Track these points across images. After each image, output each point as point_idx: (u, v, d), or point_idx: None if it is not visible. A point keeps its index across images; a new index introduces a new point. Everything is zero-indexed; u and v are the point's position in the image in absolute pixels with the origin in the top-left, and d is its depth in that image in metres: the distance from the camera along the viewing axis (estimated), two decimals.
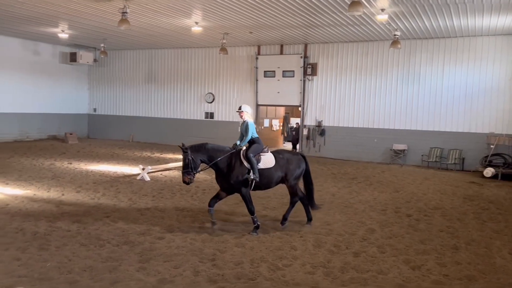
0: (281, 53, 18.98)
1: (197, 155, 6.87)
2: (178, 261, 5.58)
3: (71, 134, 20.94)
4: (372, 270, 5.54)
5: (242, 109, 7.38)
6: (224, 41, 17.02)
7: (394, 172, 14.63)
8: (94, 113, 23.99)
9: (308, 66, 18.32)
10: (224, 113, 20.74)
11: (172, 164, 13.63)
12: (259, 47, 19.38)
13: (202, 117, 21.29)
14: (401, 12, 12.51)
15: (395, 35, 14.22)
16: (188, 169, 6.78)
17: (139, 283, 4.85)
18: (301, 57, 18.36)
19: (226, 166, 6.97)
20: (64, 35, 17.47)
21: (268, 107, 20.78)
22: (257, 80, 19.37)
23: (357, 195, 10.49)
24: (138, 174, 11.91)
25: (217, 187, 7.51)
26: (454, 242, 6.83)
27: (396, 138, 17.07)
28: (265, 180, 7.12)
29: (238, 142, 7.24)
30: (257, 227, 7.00)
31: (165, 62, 21.97)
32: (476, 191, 11.62)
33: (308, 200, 7.62)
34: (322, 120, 18.39)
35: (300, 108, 19.15)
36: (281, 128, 22.79)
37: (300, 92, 18.57)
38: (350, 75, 17.85)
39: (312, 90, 18.52)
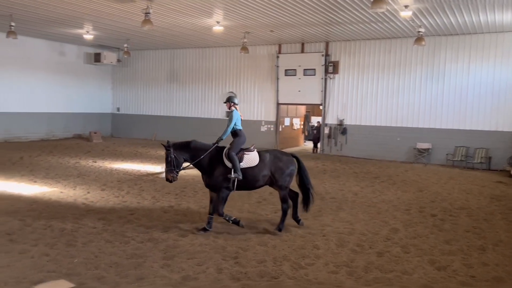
0: (302, 51, 18.90)
1: (180, 153, 6.79)
2: (202, 258, 5.63)
3: (95, 133, 21.37)
4: (396, 270, 5.47)
5: (230, 101, 7.22)
6: (245, 40, 17.06)
7: (418, 171, 14.38)
8: (117, 112, 24.42)
9: (330, 64, 18.18)
10: (245, 112, 20.74)
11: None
12: (280, 45, 19.34)
13: (223, 116, 21.38)
14: (426, 8, 12.29)
15: (419, 31, 13.98)
16: (171, 167, 6.74)
17: (163, 279, 4.92)
18: (323, 55, 18.24)
19: (208, 164, 6.81)
20: (88, 36, 17.84)
21: (289, 106, 20.73)
22: (277, 78, 19.34)
23: (380, 195, 10.36)
24: (161, 173, 12.05)
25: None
26: (481, 243, 6.68)
27: (420, 136, 16.78)
28: (249, 180, 6.83)
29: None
30: (206, 229, 6.71)
31: (187, 61, 22.16)
32: (503, 191, 11.32)
33: (304, 203, 7.25)
34: (343, 119, 18.23)
35: (321, 107, 19.03)
36: (302, 127, 22.70)
37: (322, 91, 18.45)
38: (372, 73, 17.64)
39: (333, 88, 18.38)
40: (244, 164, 6.79)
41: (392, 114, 17.36)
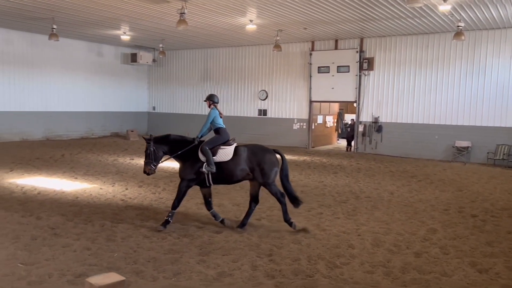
0: (336, 48, 18.68)
1: (159, 146, 6.82)
2: (236, 255, 5.68)
3: (132, 131, 21.96)
4: (435, 272, 5.33)
5: (210, 99, 7.19)
6: (278, 38, 17.04)
7: (457, 170, 13.94)
8: (153, 111, 24.98)
9: (364, 60, 17.88)
10: (277, 110, 20.77)
11: None
12: (313, 42, 19.19)
13: (255, 114, 21.47)
14: (465, 2, 11.87)
15: (458, 26, 13.52)
16: (149, 159, 6.75)
17: (199, 275, 5.00)
18: (357, 51, 17.96)
19: (185, 158, 6.81)
20: (125, 37, 18.34)
21: (322, 104, 20.55)
22: (310, 76, 19.21)
23: (417, 194, 10.12)
24: None
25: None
26: None
27: (459, 134, 16.25)
28: (224, 174, 6.73)
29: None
30: (167, 222, 6.70)
31: (220, 60, 22.37)
32: None
33: (290, 199, 6.98)
34: (379, 116, 17.90)
35: (355, 104, 18.77)
36: (335, 124, 22.45)
37: (356, 88, 18.18)
38: (409, 69, 17.21)
39: (368, 85, 18.07)
40: (218, 158, 6.71)
41: (429, 111, 16.89)
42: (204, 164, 6.64)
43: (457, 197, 9.87)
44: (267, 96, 20.97)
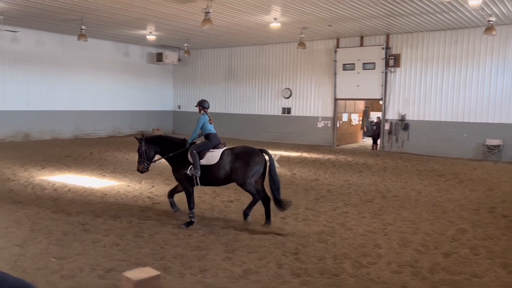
0: (361, 45, 18.44)
1: (151, 146, 7.05)
2: (262, 253, 5.70)
3: (158, 129, 22.30)
4: (465, 273, 5.21)
5: (200, 104, 7.35)
6: (302, 35, 16.95)
7: (487, 169, 13.55)
8: (178, 109, 25.29)
9: (391, 57, 17.60)
10: (301, 108, 20.68)
11: None
12: (338, 39, 19.01)
13: (279, 112, 21.44)
14: None
15: (489, 21, 13.12)
16: (141, 158, 7.06)
17: (226, 272, 5.05)
18: (383, 48, 17.68)
19: (175, 159, 6.99)
20: (151, 37, 18.62)
21: (347, 101, 20.34)
22: (335, 73, 19.03)
23: (446, 193, 9.90)
24: None
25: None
26: None
27: (490, 132, 15.78)
28: (210, 177, 6.85)
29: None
30: (190, 223, 6.78)
31: (244, 59, 22.43)
32: None
33: (275, 202, 6.89)
34: (405, 114, 17.58)
35: (381, 102, 18.50)
36: (360, 122, 22.18)
37: (382, 85, 17.91)
38: (437, 66, 16.83)
39: (394, 82, 17.77)
40: (204, 161, 6.83)
41: (458, 109, 16.48)
42: (190, 167, 6.79)
43: (488, 196, 9.61)
44: (291, 94, 20.90)
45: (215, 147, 7.02)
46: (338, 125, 19.81)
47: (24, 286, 2.19)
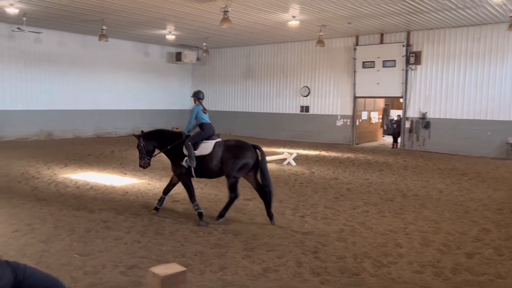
0: (381, 42, 18.22)
1: (149, 141, 7.13)
2: (281, 251, 5.70)
3: (177, 128, 22.48)
4: (489, 273, 5.10)
5: (195, 95, 7.40)
6: (321, 33, 16.85)
7: (511, 168, 13.22)
8: None
9: (411, 54, 17.33)
10: (320, 106, 20.57)
11: (270, 157, 13.89)
12: (357, 37, 18.82)
13: (297, 110, 21.37)
14: None
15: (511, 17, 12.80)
16: (142, 154, 7.16)
17: (245, 270, 5.07)
18: (403, 45, 17.43)
19: (172, 152, 7.07)
20: (170, 36, 18.80)
21: (367, 99, 20.13)
22: (355, 71, 18.85)
23: (468, 193, 9.71)
24: None
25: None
26: None
27: None
28: (203, 168, 6.91)
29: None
30: (200, 215, 6.86)
31: (262, 57, 22.43)
32: None
33: (264, 204, 6.90)
34: (426, 112, 17.30)
35: (401, 100, 18.24)
36: (380, 120, 21.93)
37: (402, 83, 17.66)
38: (459, 63, 16.50)
39: (415, 80, 17.49)
40: (198, 152, 6.91)
41: (481, 106, 16.12)
42: (186, 159, 6.89)
43: None
44: (309, 93, 20.81)
45: (209, 138, 7.07)
46: (357, 123, 19.63)
47: (50, 280, 2.24)
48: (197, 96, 7.40)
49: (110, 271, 4.96)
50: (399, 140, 18.46)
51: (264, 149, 18.23)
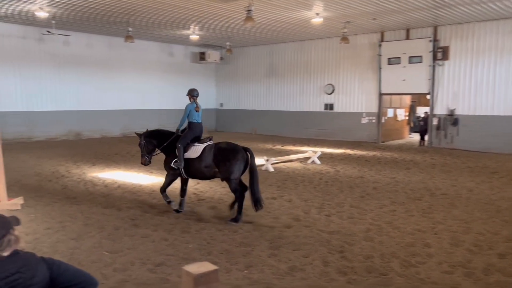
0: (407, 38, 17.87)
1: (149, 140, 7.49)
2: (307, 250, 5.67)
3: None
4: None
5: (189, 93, 7.69)
6: (345, 30, 16.66)
7: None
8: (220, 108, 25.61)
9: (439, 50, 16.93)
10: (344, 104, 20.35)
11: (294, 156, 13.87)
12: (382, 33, 18.52)
13: (321, 108, 21.21)
14: None
15: None
16: (143, 152, 7.58)
17: (271, 268, 5.07)
18: (430, 40, 17.04)
19: (168, 151, 7.39)
20: (194, 36, 18.97)
21: (392, 96, 19.79)
22: (380, 68, 18.56)
23: (500, 191, 9.42)
24: (263, 165, 12.38)
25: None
26: None
27: None
28: (193, 170, 7.12)
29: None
30: (168, 202, 7.41)
31: (285, 56, 22.36)
32: None
33: (253, 201, 6.80)
34: (455, 109, 16.88)
35: (428, 96, 17.85)
36: (407, 118, 21.53)
37: (429, 79, 17.27)
38: (489, 58, 16.01)
39: (443, 76, 17.09)
40: (187, 154, 7.12)
41: None
42: (175, 160, 7.16)
43: None
44: (333, 90, 20.62)
45: (200, 141, 7.32)
46: (383, 121, 19.33)
47: (83, 276, 2.30)
48: (192, 94, 7.68)
49: (139, 268, 5.05)
50: (426, 137, 18.08)
51: (288, 147, 18.32)
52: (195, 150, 7.14)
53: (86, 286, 2.27)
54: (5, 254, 2.08)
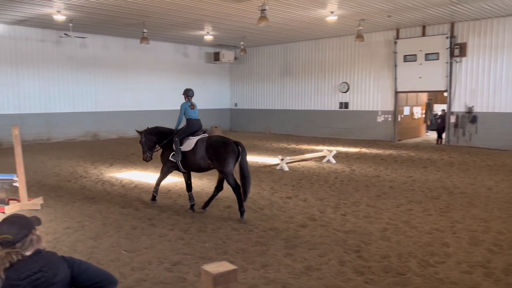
0: (423, 34, 17.63)
1: (149, 137, 7.86)
2: (323, 250, 5.66)
3: (216, 127, 22.79)
4: None
5: (184, 93, 8.01)
6: (360, 28, 16.52)
7: None
8: (235, 107, 25.67)
9: (456, 46, 16.65)
10: (359, 102, 20.19)
11: (309, 155, 13.82)
12: (397, 30, 18.31)
13: (336, 107, 21.08)
14: None
15: None
16: (144, 149, 7.92)
17: (287, 268, 5.07)
18: (447, 37, 16.77)
19: (166, 147, 7.70)
20: (209, 37, 19.05)
21: (409, 94, 19.55)
22: (396, 65, 18.35)
23: None
24: (278, 164, 12.38)
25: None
26: None
27: None
28: (188, 162, 7.42)
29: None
30: (153, 198, 7.95)
31: (299, 54, 22.28)
32: None
33: (237, 199, 7.00)
34: (473, 106, 16.59)
35: (445, 94, 17.58)
36: (423, 115, 21.25)
37: (446, 76, 17.01)
38: (508, 54, 15.68)
39: (460, 73, 16.81)
40: (183, 148, 7.45)
41: None
42: (172, 153, 7.50)
43: None
44: (348, 88, 20.47)
45: (194, 134, 7.58)
46: (399, 119, 19.11)
47: (103, 274, 2.34)
48: (187, 94, 8.01)
49: (156, 267, 5.11)
50: (443, 135, 17.82)
51: (303, 146, 18.27)
52: (189, 143, 7.47)
53: (106, 285, 2.32)
54: (28, 253, 2.13)
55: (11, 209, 7.49)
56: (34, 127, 17.97)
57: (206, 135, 7.63)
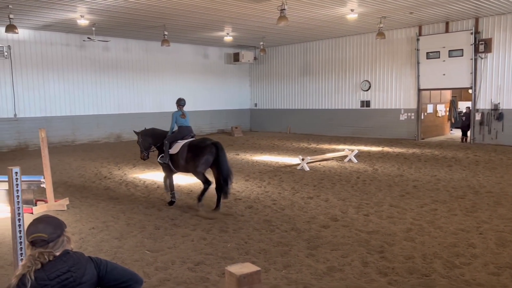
0: (447, 31, 17.27)
1: (146, 138, 8.32)
2: (345, 250, 5.61)
3: (236, 128, 22.88)
4: None
5: (177, 102, 8.57)
6: (381, 25, 16.31)
7: None
8: (255, 107, 25.71)
9: (480, 42, 16.25)
10: (381, 100, 19.93)
11: (330, 155, 13.72)
12: (420, 27, 18.00)
13: (357, 106, 20.87)
14: None
15: None
16: (141, 148, 8.39)
17: (309, 268, 5.05)
18: (471, 33, 16.39)
19: (160, 148, 8.13)
20: (228, 38, 19.14)
21: (432, 91, 19.20)
22: (418, 63, 18.05)
23: None
24: (298, 164, 12.34)
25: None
26: None
27: None
28: (175, 164, 7.85)
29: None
30: (170, 202, 8.07)
31: (319, 53, 22.14)
32: None
33: (217, 196, 7.54)
34: (499, 103, 16.17)
35: (470, 91, 17.19)
36: (447, 113, 20.81)
37: (471, 73, 16.63)
38: None
39: (485, 69, 16.40)
40: (171, 151, 7.88)
41: None
42: (161, 155, 7.97)
43: None
44: (370, 87, 20.24)
45: (183, 138, 8.02)
46: (422, 117, 18.79)
47: (129, 274, 2.39)
48: (178, 103, 8.53)
49: (179, 267, 5.17)
50: (468, 133, 17.42)
51: (324, 146, 18.16)
52: (176, 147, 7.90)
53: (132, 284, 2.36)
54: (57, 253, 2.19)
55: (39, 209, 7.70)
56: (59, 129, 18.42)
57: (193, 139, 8.05)
